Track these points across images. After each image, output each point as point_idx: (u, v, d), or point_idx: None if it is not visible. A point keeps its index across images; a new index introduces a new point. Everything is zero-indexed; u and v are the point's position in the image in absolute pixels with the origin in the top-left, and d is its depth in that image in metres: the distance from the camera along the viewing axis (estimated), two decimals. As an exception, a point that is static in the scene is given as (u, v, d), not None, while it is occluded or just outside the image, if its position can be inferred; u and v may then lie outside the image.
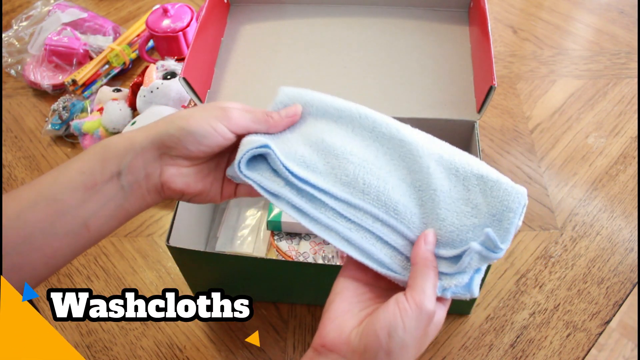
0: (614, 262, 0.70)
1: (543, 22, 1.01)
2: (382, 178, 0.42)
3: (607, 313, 0.66)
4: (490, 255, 0.38)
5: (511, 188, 0.40)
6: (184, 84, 0.63)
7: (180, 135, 0.41)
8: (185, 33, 0.91)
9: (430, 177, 0.42)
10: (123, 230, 0.76)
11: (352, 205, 0.42)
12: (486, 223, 0.39)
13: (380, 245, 0.41)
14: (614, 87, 0.89)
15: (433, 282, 0.38)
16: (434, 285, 0.38)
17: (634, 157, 0.80)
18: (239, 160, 0.42)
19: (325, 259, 0.68)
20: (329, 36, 0.75)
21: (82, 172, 0.39)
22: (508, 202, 0.39)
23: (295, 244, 0.69)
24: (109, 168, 0.40)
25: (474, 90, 0.67)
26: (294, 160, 0.43)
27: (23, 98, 0.95)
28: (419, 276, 0.38)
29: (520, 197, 0.40)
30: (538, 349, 0.63)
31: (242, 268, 0.61)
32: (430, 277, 0.38)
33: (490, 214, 0.40)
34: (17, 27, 1.03)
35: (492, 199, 0.40)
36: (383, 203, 0.41)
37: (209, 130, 0.41)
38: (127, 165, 0.40)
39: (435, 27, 0.75)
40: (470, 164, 0.42)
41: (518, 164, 0.80)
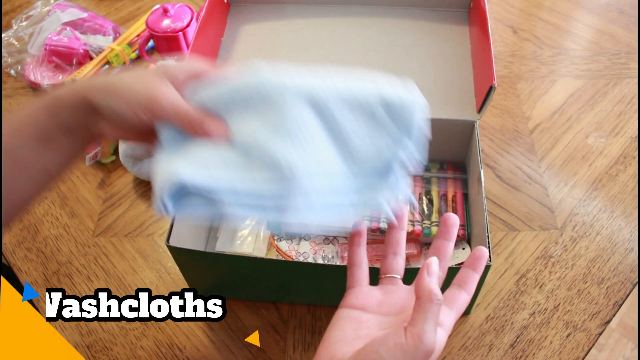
0: (614, 262, 0.70)
1: (543, 22, 1.01)
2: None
3: (607, 313, 0.66)
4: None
5: (410, 104, 0.44)
6: (184, 84, 0.63)
7: (106, 112, 0.42)
8: (185, 33, 0.91)
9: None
10: (123, 230, 0.76)
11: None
12: (398, 139, 0.44)
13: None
14: (614, 87, 0.89)
15: (434, 317, 0.37)
16: (435, 320, 0.37)
17: (634, 157, 0.80)
18: (161, 202, 0.39)
19: (325, 259, 0.68)
20: (329, 36, 0.75)
21: (36, 127, 0.42)
22: (412, 119, 0.44)
23: (295, 244, 0.69)
24: (57, 121, 0.43)
25: (474, 90, 0.67)
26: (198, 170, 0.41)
27: (23, 98, 0.95)
28: (422, 311, 0.37)
29: (419, 109, 0.44)
30: (538, 349, 0.63)
31: (242, 268, 0.61)
32: (433, 313, 0.37)
33: (399, 130, 0.44)
34: (17, 27, 1.03)
35: (398, 119, 0.44)
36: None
37: (131, 115, 0.42)
38: (70, 118, 0.43)
39: (435, 27, 0.75)
40: (369, 89, 0.44)
41: (518, 164, 0.80)
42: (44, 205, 0.80)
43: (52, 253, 0.75)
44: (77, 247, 0.75)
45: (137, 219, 0.77)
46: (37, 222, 0.78)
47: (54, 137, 0.43)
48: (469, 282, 0.44)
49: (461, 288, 0.44)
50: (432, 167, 0.72)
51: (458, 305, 0.43)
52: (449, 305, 0.43)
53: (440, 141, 0.69)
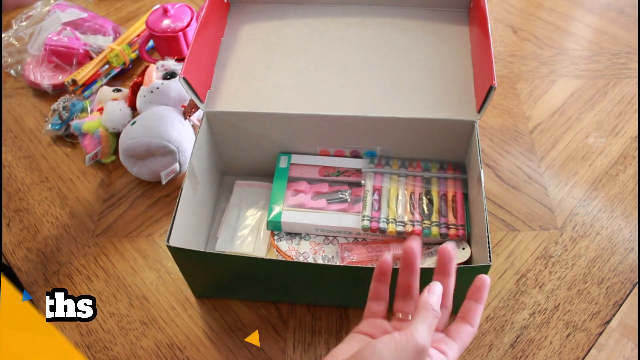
0: (614, 262, 0.70)
1: (543, 22, 1.01)
2: None
3: (607, 313, 0.66)
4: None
5: None
6: (184, 84, 0.63)
7: None
8: (185, 33, 0.91)
9: None
10: (123, 230, 0.76)
11: None
12: None
13: None
14: (614, 87, 0.89)
15: (429, 322, 0.42)
16: (429, 325, 0.42)
17: (634, 157, 0.80)
18: None
19: (325, 259, 0.68)
20: (329, 36, 0.75)
21: None
22: None
23: (295, 244, 0.69)
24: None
25: (474, 90, 0.67)
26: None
27: (23, 98, 0.95)
28: (417, 315, 0.42)
29: None
30: (538, 349, 0.63)
31: (242, 268, 0.61)
32: (427, 318, 0.42)
33: None
34: (17, 27, 1.03)
35: None
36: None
37: None
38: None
39: (435, 27, 0.75)
40: None
41: (518, 164, 0.80)
42: (44, 205, 0.80)
43: (52, 253, 0.75)
44: (77, 247, 0.75)
45: (137, 219, 0.77)
46: (37, 222, 0.78)
47: None
48: (472, 314, 0.46)
49: (465, 321, 0.46)
50: (432, 167, 0.72)
51: (462, 337, 0.45)
52: (452, 337, 0.45)
53: (440, 141, 0.69)
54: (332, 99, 0.68)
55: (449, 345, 0.44)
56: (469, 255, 0.66)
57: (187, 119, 0.78)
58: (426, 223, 0.67)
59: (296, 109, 0.68)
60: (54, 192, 0.81)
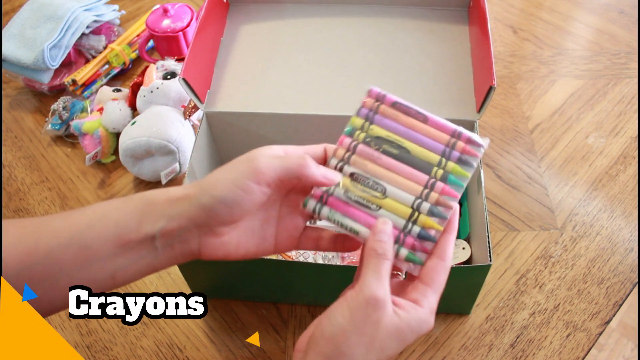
0: (614, 262, 0.70)
1: (543, 22, 1.01)
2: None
3: (607, 313, 0.66)
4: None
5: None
6: (184, 84, 0.63)
7: (212, 205, 0.38)
8: (185, 33, 0.91)
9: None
10: (123, 230, 0.76)
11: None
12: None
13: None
14: (614, 87, 0.89)
15: (377, 269, 0.37)
16: (377, 272, 0.37)
17: (634, 157, 0.80)
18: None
19: (325, 259, 0.68)
20: (329, 36, 0.75)
21: (118, 225, 0.38)
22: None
23: (295, 244, 0.69)
24: (145, 228, 0.38)
25: (474, 90, 0.67)
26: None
27: (23, 98, 0.95)
28: (364, 264, 0.38)
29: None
30: (538, 349, 0.63)
31: (242, 268, 0.61)
32: (373, 265, 0.37)
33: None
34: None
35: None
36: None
37: (238, 193, 0.38)
38: (160, 229, 0.38)
39: (435, 27, 0.75)
40: None
41: (518, 164, 0.80)
42: (44, 205, 0.80)
43: (52, 253, 0.74)
44: (77, 247, 0.75)
45: (137, 219, 0.77)
46: (37, 222, 0.78)
47: (136, 245, 0.38)
48: (442, 246, 0.40)
49: (435, 256, 0.40)
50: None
51: (435, 279, 0.39)
52: (425, 281, 0.39)
53: (440, 141, 0.69)
54: (332, 99, 0.68)
55: (421, 292, 0.38)
56: (469, 255, 0.66)
57: (187, 119, 0.78)
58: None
59: (296, 109, 0.68)
60: (54, 192, 0.81)
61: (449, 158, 0.42)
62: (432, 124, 0.43)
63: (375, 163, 0.42)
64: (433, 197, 0.41)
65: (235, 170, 0.39)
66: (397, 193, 0.42)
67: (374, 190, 0.42)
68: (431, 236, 0.40)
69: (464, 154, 0.42)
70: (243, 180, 0.38)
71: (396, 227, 0.41)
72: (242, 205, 0.38)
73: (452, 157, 0.42)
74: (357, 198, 0.42)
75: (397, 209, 0.41)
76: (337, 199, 0.42)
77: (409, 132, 0.43)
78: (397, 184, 0.42)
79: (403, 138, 0.43)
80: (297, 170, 0.39)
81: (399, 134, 0.43)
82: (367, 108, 0.44)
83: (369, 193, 0.42)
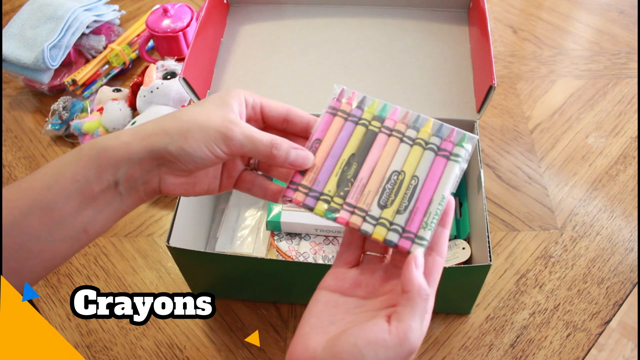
0: (614, 262, 0.70)
1: (543, 22, 1.01)
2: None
3: (607, 313, 0.66)
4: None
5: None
6: (184, 84, 0.63)
7: (179, 155, 0.39)
8: (185, 33, 0.91)
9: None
10: (123, 230, 0.76)
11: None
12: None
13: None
14: (614, 87, 0.89)
15: (423, 314, 0.35)
16: (423, 317, 0.35)
17: (634, 157, 0.80)
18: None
19: (325, 259, 0.68)
20: (329, 36, 0.75)
21: (76, 180, 0.38)
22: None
23: (295, 244, 0.69)
24: (105, 177, 0.38)
25: (474, 90, 0.67)
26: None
27: (23, 98, 0.95)
28: (409, 306, 0.35)
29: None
30: (538, 349, 0.63)
31: (242, 268, 0.61)
32: (422, 309, 0.35)
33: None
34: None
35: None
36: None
37: (207, 154, 0.39)
38: (123, 174, 0.39)
39: (435, 27, 0.75)
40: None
41: (518, 164, 0.80)
42: (44, 206, 0.80)
43: (52, 253, 0.74)
44: (77, 247, 0.75)
45: (137, 219, 0.77)
46: (37, 222, 0.78)
47: (100, 195, 0.39)
48: (439, 243, 0.40)
49: (433, 251, 0.39)
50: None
51: (433, 273, 0.38)
52: (427, 279, 0.38)
53: (440, 141, 0.69)
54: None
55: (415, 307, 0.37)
56: (469, 255, 0.66)
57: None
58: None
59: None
60: (54, 192, 0.81)
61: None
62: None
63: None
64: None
65: (208, 128, 0.39)
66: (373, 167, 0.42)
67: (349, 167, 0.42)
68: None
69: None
70: (214, 145, 0.39)
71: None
72: (207, 163, 0.40)
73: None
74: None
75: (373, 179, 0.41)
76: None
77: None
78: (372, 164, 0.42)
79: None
80: (267, 155, 0.41)
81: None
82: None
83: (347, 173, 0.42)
